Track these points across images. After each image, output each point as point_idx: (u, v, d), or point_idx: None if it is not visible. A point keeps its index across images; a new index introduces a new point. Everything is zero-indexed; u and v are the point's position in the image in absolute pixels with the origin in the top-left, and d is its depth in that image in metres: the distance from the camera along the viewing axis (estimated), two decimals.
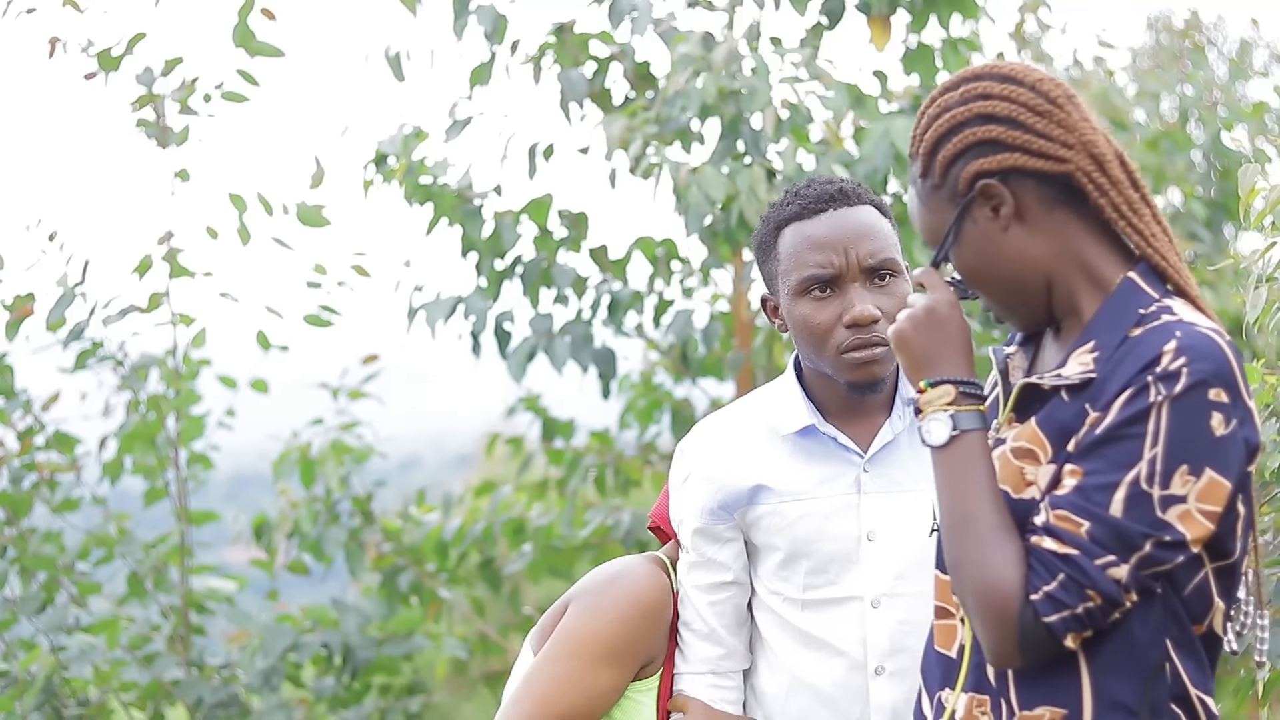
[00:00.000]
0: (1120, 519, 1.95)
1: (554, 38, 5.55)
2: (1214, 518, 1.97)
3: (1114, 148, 2.10)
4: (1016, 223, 2.09)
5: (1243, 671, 3.25)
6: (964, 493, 2.03)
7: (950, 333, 2.12)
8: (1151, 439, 1.95)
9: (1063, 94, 2.09)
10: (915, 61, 5.55)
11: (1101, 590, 1.95)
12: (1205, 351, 1.97)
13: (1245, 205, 3.23)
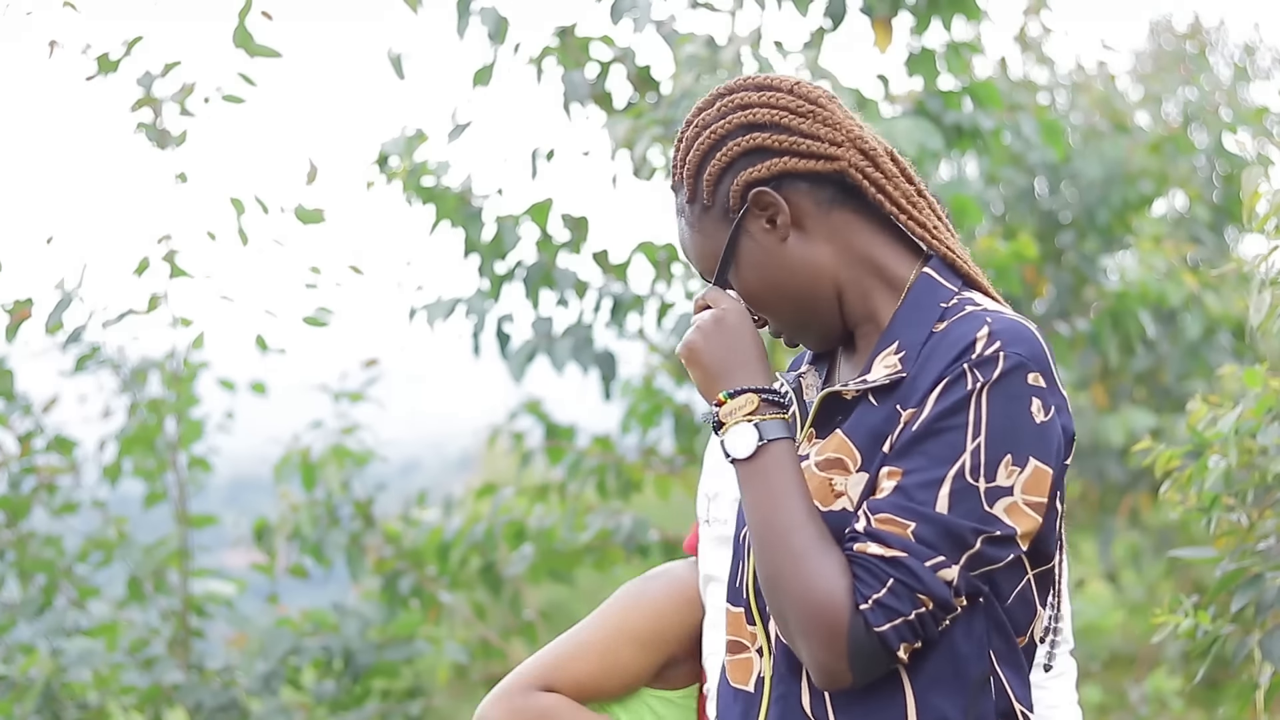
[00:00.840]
0: (947, 516, 1.85)
1: (556, 40, 5.55)
2: (1040, 510, 1.88)
3: (882, 144, 2.02)
4: (795, 231, 1.99)
5: (1245, 677, 3.24)
6: (776, 505, 1.91)
7: (744, 341, 2.04)
8: (973, 429, 1.86)
9: (822, 94, 2.01)
10: (918, 65, 5.54)
11: (933, 593, 1.84)
12: (1019, 335, 1.90)
13: (1248, 209, 3.22)
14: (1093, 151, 6.91)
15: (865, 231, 2.00)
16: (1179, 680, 6.93)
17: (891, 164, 2.01)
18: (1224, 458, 3.09)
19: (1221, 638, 3.10)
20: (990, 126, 5.51)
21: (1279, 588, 3.05)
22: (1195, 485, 3.13)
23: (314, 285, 5.46)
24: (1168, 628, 3.11)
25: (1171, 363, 6.81)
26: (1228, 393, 6.30)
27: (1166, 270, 6.37)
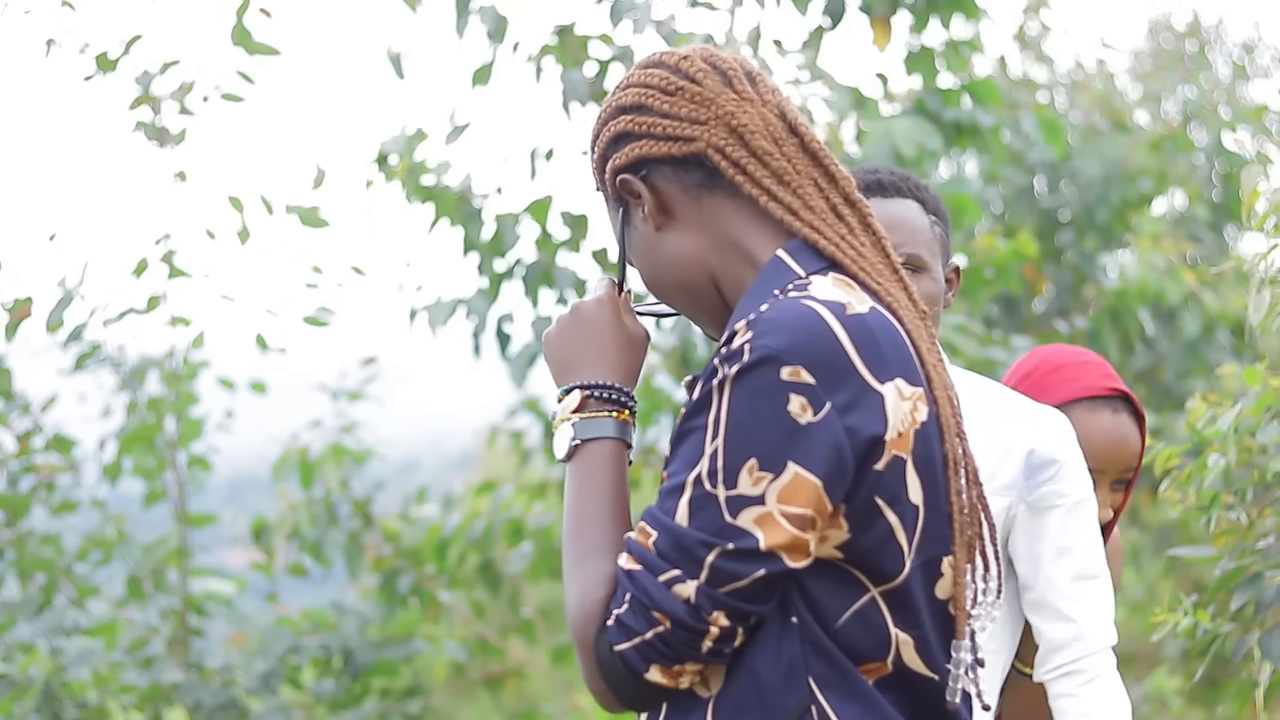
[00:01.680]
0: (683, 527, 1.67)
1: (555, 39, 5.55)
2: (803, 523, 1.66)
3: (774, 117, 1.84)
4: (667, 219, 1.86)
5: (1245, 675, 3.24)
6: (577, 507, 1.79)
7: (591, 334, 1.90)
8: (712, 430, 1.67)
9: (705, 68, 1.84)
10: (917, 63, 5.55)
11: (667, 612, 1.67)
12: (786, 325, 1.68)
13: (1248, 207, 3.21)
14: (1092, 150, 6.92)
15: (736, 214, 1.84)
16: (1179, 679, 6.93)
17: (767, 140, 1.82)
18: (1223, 456, 3.08)
19: (1221, 636, 3.09)
20: (990, 124, 5.51)
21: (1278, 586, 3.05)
22: (1195, 484, 3.13)
23: (314, 285, 5.47)
24: (1167, 626, 3.11)
25: (1171, 361, 6.81)
26: (1227, 391, 6.30)
27: (1166, 268, 6.38)
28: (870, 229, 1.84)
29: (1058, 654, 2.58)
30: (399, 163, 5.42)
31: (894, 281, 1.82)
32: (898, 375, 1.72)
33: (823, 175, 1.84)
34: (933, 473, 1.75)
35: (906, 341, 1.76)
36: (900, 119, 5.10)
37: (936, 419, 1.77)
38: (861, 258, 1.81)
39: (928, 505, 1.74)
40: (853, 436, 1.68)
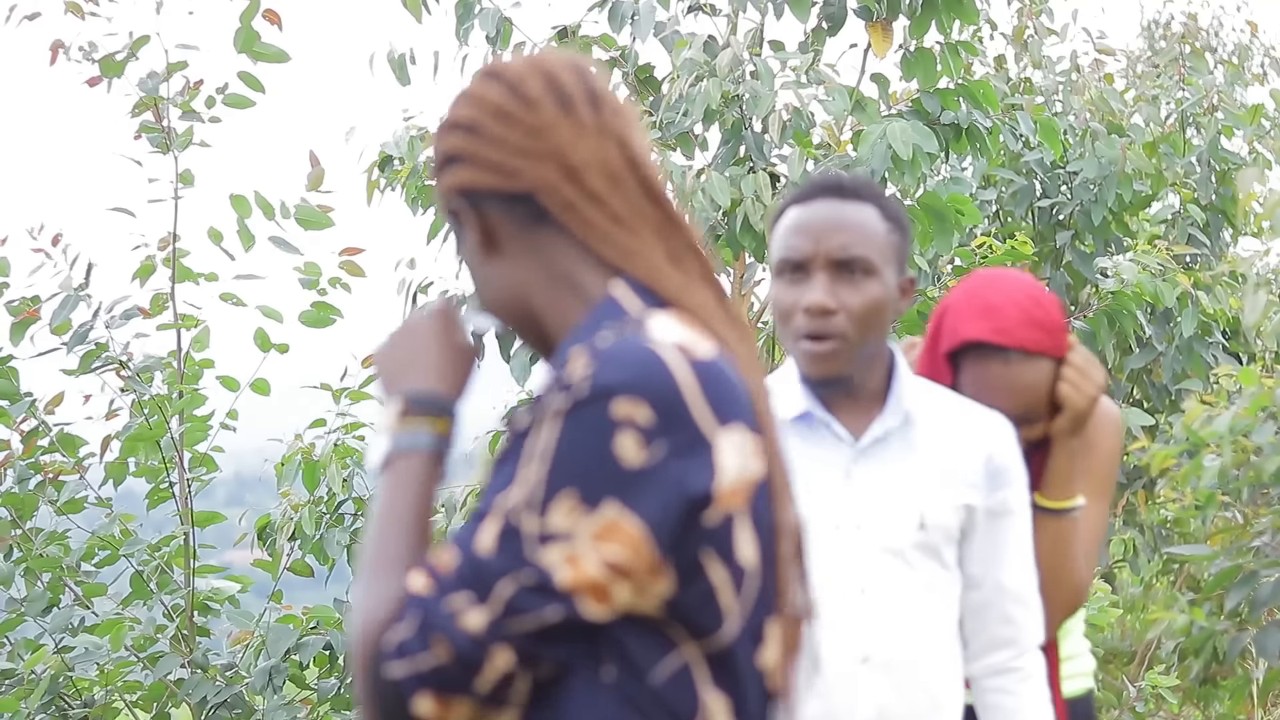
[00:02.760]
0: (486, 554, 1.56)
1: (555, 42, 5.58)
2: (615, 569, 1.54)
3: (613, 150, 1.72)
4: (493, 249, 1.75)
5: (1240, 673, 3.27)
6: (380, 521, 1.69)
7: (416, 345, 1.81)
8: (538, 460, 1.56)
9: (543, 90, 1.72)
10: (914, 66, 5.58)
11: (450, 639, 1.55)
12: (628, 360, 1.58)
13: (1243, 209, 3.24)
14: (1088, 152, 6.95)
15: (570, 252, 1.71)
16: (1175, 676, 6.96)
17: (602, 180, 1.70)
18: (1219, 456, 3.12)
19: (1217, 634, 3.13)
20: (987, 127, 5.55)
21: (1274, 584, 3.08)
22: (1191, 483, 3.16)
23: (315, 284, 5.49)
24: (1163, 624, 3.14)
25: (1167, 362, 6.85)
26: (1223, 392, 6.34)
27: (1161, 270, 6.41)
28: (710, 279, 1.72)
29: (997, 652, 2.67)
30: (402, 165, 5.45)
31: (735, 333, 1.70)
32: (740, 424, 1.61)
33: (663, 218, 1.72)
34: (764, 531, 1.64)
35: (747, 393, 1.65)
36: (897, 121, 5.13)
37: (770, 478, 1.65)
38: (702, 305, 1.69)
39: (762, 566, 1.63)
40: (681, 485, 1.56)
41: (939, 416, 2.63)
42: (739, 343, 1.70)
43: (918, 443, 2.60)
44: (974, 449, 2.62)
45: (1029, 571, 2.68)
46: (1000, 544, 2.63)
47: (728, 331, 1.69)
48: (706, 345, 1.64)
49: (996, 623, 2.65)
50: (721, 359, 1.64)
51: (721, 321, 1.69)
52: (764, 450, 1.65)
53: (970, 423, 2.65)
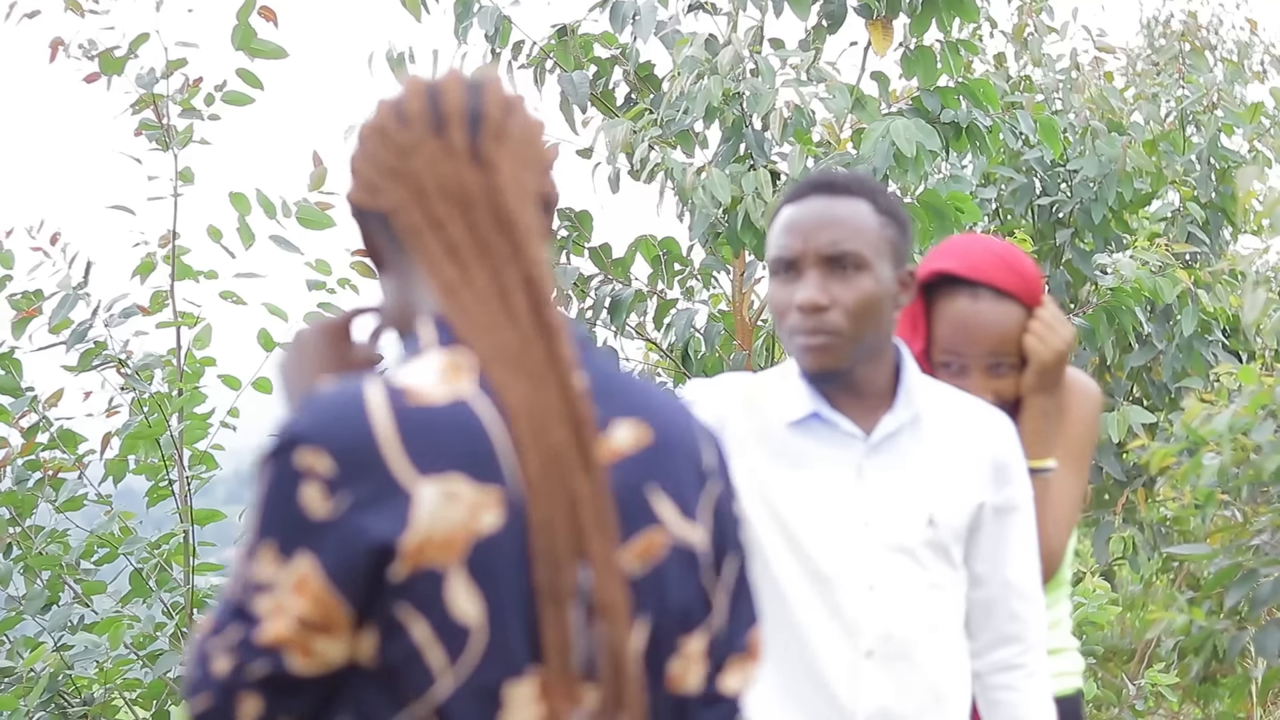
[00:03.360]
0: (230, 597, 1.55)
1: (555, 40, 5.58)
2: (308, 623, 1.50)
3: (473, 177, 1.65)
4: (377, 263, 1.76)
5: (1240, 671, 3.28)
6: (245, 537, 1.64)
7: (300, 360, 1.83)
8: (252, 507, 1.56)
9: (421, 110, 1.69)
10: (915, 64, 5.58)
11: (208, 683, 1.53)
12: (322, 408, 1.54)
13: (1243, 207, 3.25)
14: (1088, 150, 6.95)
15: (420, 276, 1.70)
16: (1174, 675, 6.96)
17: (453, 207, 1.64)
18: (1219, 454, 3.12)
19: (1216, 633, 3.13)
20: (988, 124, 5.55)
21: (1273, 583, 3.08)
22: (1190, 482, 3.16)
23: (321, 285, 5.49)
24: (1163, 623, 3.14)
25: (1167, 360, 6.85)
26: (1222, 390, 6.34)
27: (1162, 267, 6.41)
28: (536, 317, 1.61)
29: (1003, 649, 2.68)
30: None
31: (533, 378, 1.58)
32: (455, 474, 1.52)
33: (510, 251, 1.63)
34: (500, 588, 1.53)
35: (499, 442, 1.55)
36: (900, 119, 5.13)
37: (524, 531, 1.54)
38: (500, 347, 1.58)
39: (493, 625, 1.53)
40: (365, 537, 1.50)
41: (945, 414, 2.63)
42: (533, 388, 1.57)
43: (927, 440, 2.60)
44: (980, 446, 2.63)
45: (1034, 568, 2.69)
46: (1006, 540, 2.64)
47: (516, 377, 1.57)
48: (449, 390, 1.56)
49: (1003, 619, 2.66)
50: (463, 406, 1.55)
51: (515, 365, 1.57)
52: (504, 503, 1.53)
53: (975, 420, 2.65)
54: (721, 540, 1.71)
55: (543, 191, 1.71)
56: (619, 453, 1.63)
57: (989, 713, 2.69)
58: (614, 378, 1.69)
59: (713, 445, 1.75)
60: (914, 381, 2.61)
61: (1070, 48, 8.00)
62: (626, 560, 1.60)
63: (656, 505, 1.64)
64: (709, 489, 1.70)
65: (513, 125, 1.69)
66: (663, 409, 1.70)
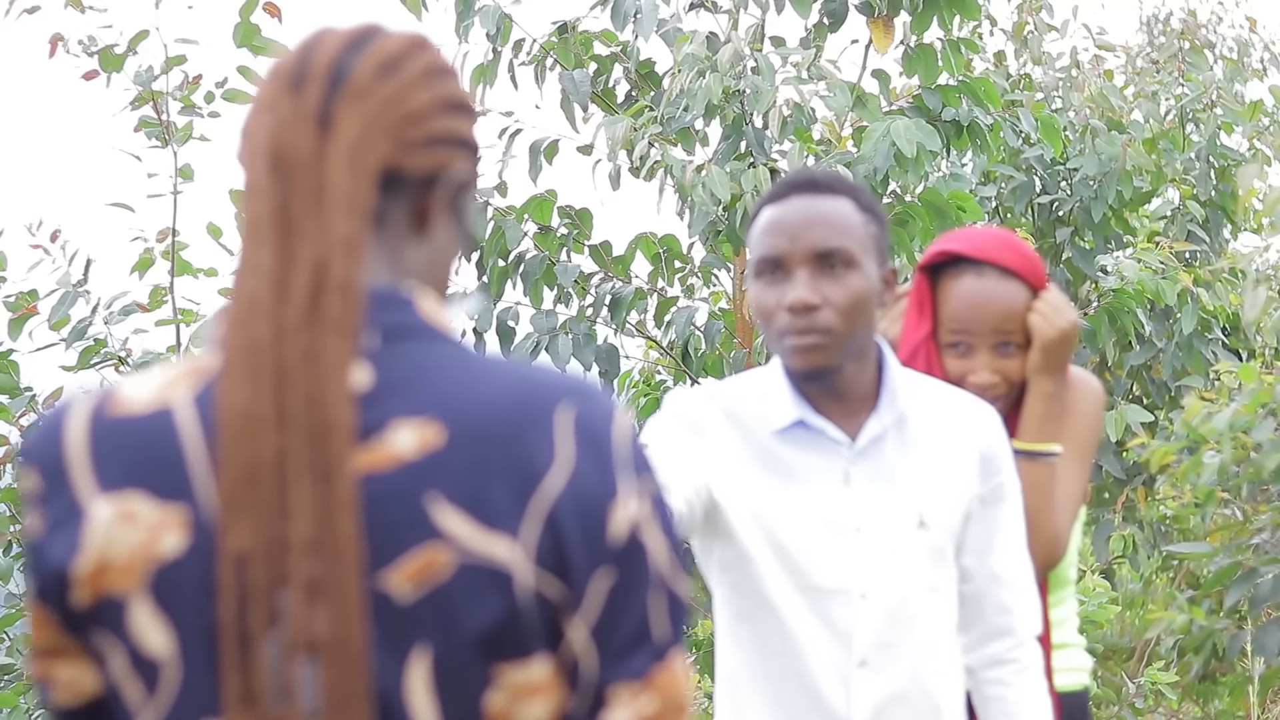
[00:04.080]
0: None
1: (556, 37, 5.58)
2: (46, 655, 1.42)
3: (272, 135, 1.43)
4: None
5: (1240, 670, 3.28)
6: None
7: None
8: None
9: (291, 64, 1.47)
10: (916, 62, 5.58)
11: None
12: (40, 424, 1.46)
13: (1244, 205, 3.25)
14: (1088, 148, 6.95)
15: None
16: (1174, 673, 6.96)
17: (274, 173, 1.42)
18: (1219, 453, 3.12)
19: (1216, 631, 3.13)
20: (989, 123, 5.55)
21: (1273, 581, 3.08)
22: (1190, 480, 3.16)
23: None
24: (1163, 622, 3.14)
25: (1167, 358, 6.85)
26: (1223, 388, 6.34)
27: (1163, 267, 6.41)
28: (317, 307, 1.37)
29: (994, 643, 2.68)
30: None
31: (290, 378, 1.36)
32: (135, 491, 1.38)
33: (315, 227, 1.40)
34: (190, 619, 1.37)
35: (193, 456, 1.37)
36: (901, 118, 5.13)
37: (213, 556, 1.36)
38: (248, 343, 1.37)
39: (185, 659, 1.37)
40: (50, 560, 1.39)
41: (930, 410, 2.62)
42: (254, 392, 1.35)
43: (913, 440, 2.58)
44: (967, 439, 2.61)
45: (1023, 560, 2.68)
46: (994, 531, 2.63)
47: (244, 378, 1.35)
48: (157, 398, 1.41)
49: (993, 613, 2.65)
50: (163, 416, 1.39)
51: (252, 364, 1.36)
52: (190, 524, 1.36)
53: (960, 413, 2.64)
54: (566, 554, 1.38)
55: (392, 164, 1.45)
56: (396, 459, 1.36)
57: (983, 708, 2.68)
58: (423, 372, 1.40)
59: (586, 443, 1.40)
60: (897, 381, 2.59)
61: (1070, 46, 7.99)
62: (395, 583, 1.35)
63: (439, 517, 1.35)
64: (540, 494, 1.37)
65: (383, 87, 1.45)
66: (474, 404, 1.39)
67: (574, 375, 1.45)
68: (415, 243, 1.50)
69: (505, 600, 1.36)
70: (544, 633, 1.39)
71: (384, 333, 1.41)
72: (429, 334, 1.43)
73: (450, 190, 1.50)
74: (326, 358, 1.36)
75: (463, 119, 1.52)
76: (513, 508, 1.37)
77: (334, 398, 1.35)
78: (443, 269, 1.54)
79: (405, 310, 1.43)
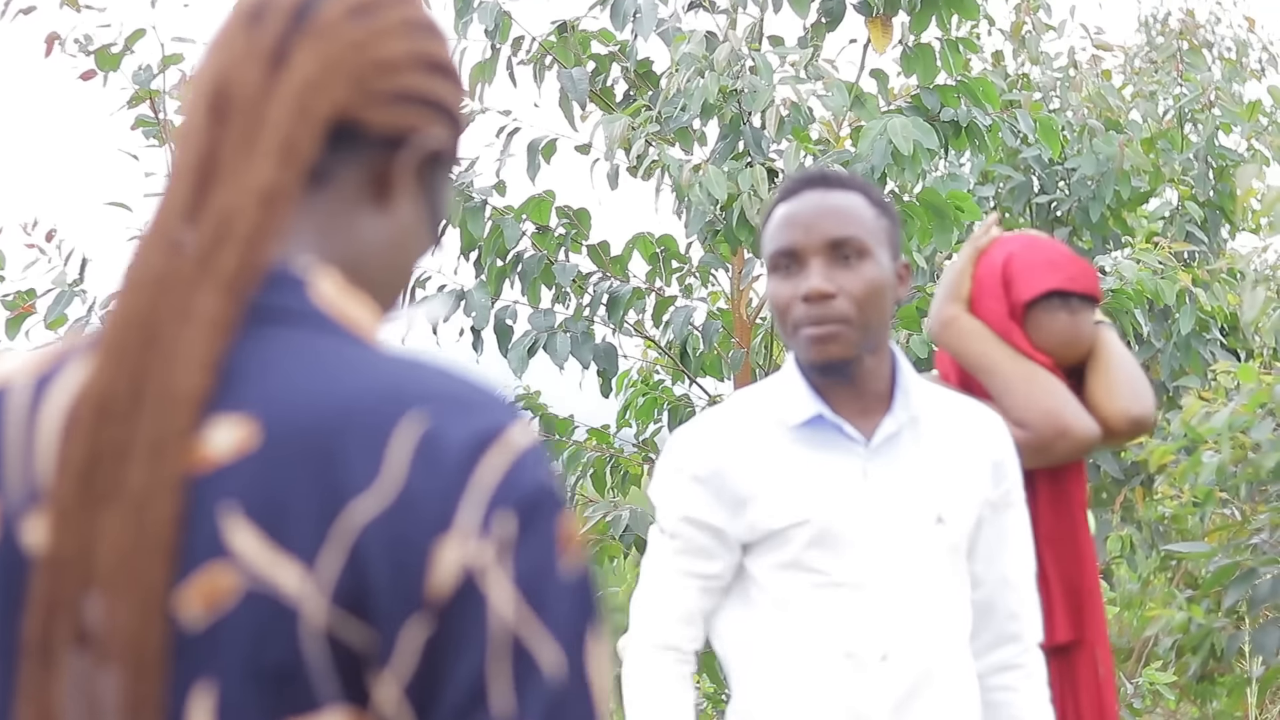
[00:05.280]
0: None
1: (555, 36, 5.58)
2: None
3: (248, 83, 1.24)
4: None
5: (1238, 670, 3.27)
6: None
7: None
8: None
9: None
10: (914, 62, 5.57)
11: None
12: None
13: (1242, 206, 3.25)
14: (1086, 148, 6.95)
15: None
16: (1172, 673, 6.95)
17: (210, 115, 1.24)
18: (1217, 453, 3.11)
19: (1214, 631, 3.12)
20: (987, 123, 5.54)
21: (1271, 582, 3.07)
22: (1189, 480, 3.16)
23: None
24: (1161, 621, 3.14)
25: (1165, 359, 6.85)
26: (1221, 388, 6.33)
27: (1161, 267, 6.41)
28: (210, 257, 1.18)
29: (1002, 649, 2.69)
30: None
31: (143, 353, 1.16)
32: None
33: (233, 175, 1.21)
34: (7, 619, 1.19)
35: (11, 445, 1.20)
36: (898, 117, 5.13)
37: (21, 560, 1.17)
38: (122, 313, 1.18)
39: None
40: None
41: (942, 413, 2.64)
42: (103, 369, 1.16)
43: (927, 440, 2.60)
44: (978, 444, 2.64)
45: (1030, 566, 2.70)
46: (1004, 537, 2.65)
47: (100, 353, 1.17)
48: (23, 371, 1.24)
49: (1002, 618, 2.67)
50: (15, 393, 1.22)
51: (114, 338, 1.17)
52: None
53: (970, 419, 2.67)
54: (371, 594, 1.12)
55: (350, 114, 1.25)
56: (211, 461, 1.14)
57: (988, 713, 2.69)
58: (269, 363, 1.18)
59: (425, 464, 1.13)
60: (910, 383, 2.61)
61: (1068, 46, 7.99)
62: (184, 605, 1.13)
63: (230, 533, 1.13)
64: (346, 518, 1.12)
65: (351, 29, 1.26)
66: (301, 404, 1.15)
67: (469, 380, 1.19)
68: (373, 214, 1.28)
69: (290, 639, 1.12)
70: (342, 684, 1.13)
71: (253, 312, 1.19)
72: (311, 321, 1.20)
73: (418, 157, 1.29)
74: (201, 317, 1.15)
75: (442, 82, 1.31)
76: (314, 531, 1.12)
77: (189, 364, 1.14)
78: (405, 252, 1.32)
79: (290, 291, 1.20)
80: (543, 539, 1.14)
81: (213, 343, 1.14)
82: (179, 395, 1.13)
